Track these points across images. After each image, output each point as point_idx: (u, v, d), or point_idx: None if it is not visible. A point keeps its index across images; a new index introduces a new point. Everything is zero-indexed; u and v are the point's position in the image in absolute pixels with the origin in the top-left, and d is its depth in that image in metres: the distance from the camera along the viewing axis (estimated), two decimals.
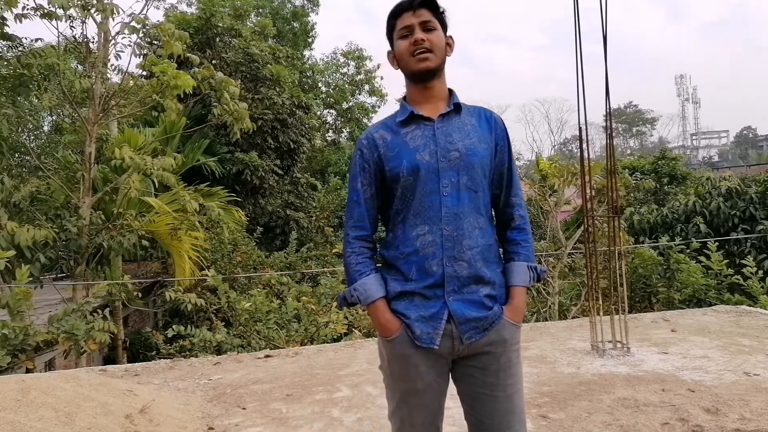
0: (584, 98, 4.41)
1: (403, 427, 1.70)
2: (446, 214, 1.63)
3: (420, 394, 1.66)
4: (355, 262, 1.71)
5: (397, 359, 1.66)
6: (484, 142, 1.71)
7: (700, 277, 7.39)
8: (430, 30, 1.69)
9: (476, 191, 1.67)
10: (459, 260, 1.63)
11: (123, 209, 8.16)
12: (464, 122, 1.73)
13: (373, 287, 1.67)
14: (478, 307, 1.63)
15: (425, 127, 1.70)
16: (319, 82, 26.99)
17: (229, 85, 8.49)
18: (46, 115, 14.29)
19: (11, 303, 5.42)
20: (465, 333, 1.62)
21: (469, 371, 1.68)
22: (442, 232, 1.63)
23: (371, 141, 1.74)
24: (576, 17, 4.41)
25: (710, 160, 65.95)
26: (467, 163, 1.66)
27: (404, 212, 1.68)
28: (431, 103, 1.73)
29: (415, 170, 1.65)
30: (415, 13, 1.69)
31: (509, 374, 1.67)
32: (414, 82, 1.75)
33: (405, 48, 1.70)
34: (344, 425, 3.16)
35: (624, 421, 3.02)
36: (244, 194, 14.65)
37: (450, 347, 1.63)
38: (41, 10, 7.34)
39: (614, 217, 4.66)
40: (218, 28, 15.86)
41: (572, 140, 52.92)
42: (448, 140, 1.67)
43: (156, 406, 3.32)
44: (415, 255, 1.64)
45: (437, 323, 1.62)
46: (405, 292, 1.65)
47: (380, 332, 1.70)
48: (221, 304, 7.66)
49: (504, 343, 1.66)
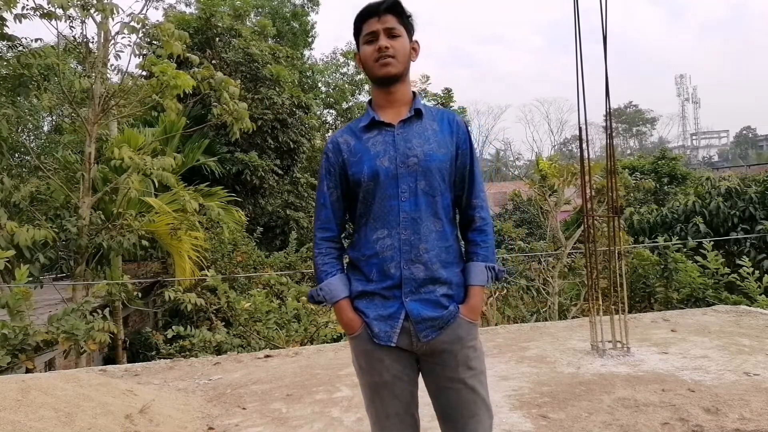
0: (584, 98, 4.41)
1: (379, 419, 1.77)
2: (404, 219, 1.70)
3: (389, 386, 1.73)
4: (322, 262, 1.79)
5: (363, 354, 1.75)
6: (443, 147, 1.76)
7: (697, 277, 7.40)
8: (394, 36, 1.74)
9: (434, 196, 1.73)
10: (416, 263, 1.69)
11: (123, 209, 8.16)
12: (425, 127, 1.78)
13: (338, 288, 1.76)
14: (434, 307, 1.70)
15: (386, 133, 1.76)
16: (319, 82, 26.97)
17: (229, 85, 8.48)
18: (46, 115, 14.30)
19: (11, 303, 5.42)
20: (422, 332, 1.69)
21: (431, 367, 1.75)
22: (400, 236, 1.69)
23: (336, 145, 1.80)
24: (576, 18, 4.41)
25: (710, 160, 65.95)
26: (425, 168, 1.71)
27: (366, 216, 1.76)
28: (394, 107, 1.79)
29: (375, 176, 1.71)
30: (380, 19, 1.73)
31: (468, 368, 1.73)
32: (378, 87, 1.80)
33: (369, 54, 1.75)
34: (344, 425, 3.16)
35: (624, 421, 3.02)
36: (244, 194, 14.65)
37: (408, 344, 1.71)
38: (41, 10, 7.33)
39: (614, 217, 4.66)
40: (218, 28, 15.85)
41: (572, 140, 52.93)
42: (407, 146, 1.73)
43: (156, 406, 3.32)
44: (375, 258, 1.72)
45: (394, 322, 1.70)
46: (366, 292, 1.73)
47: (345, 330, 1.79)
48: (221, 304, 7.66)
49: (460, 341, 1.72)
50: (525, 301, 8.94)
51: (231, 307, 7.38)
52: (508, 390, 3.61)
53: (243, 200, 14.07)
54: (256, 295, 7.76)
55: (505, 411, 3.25)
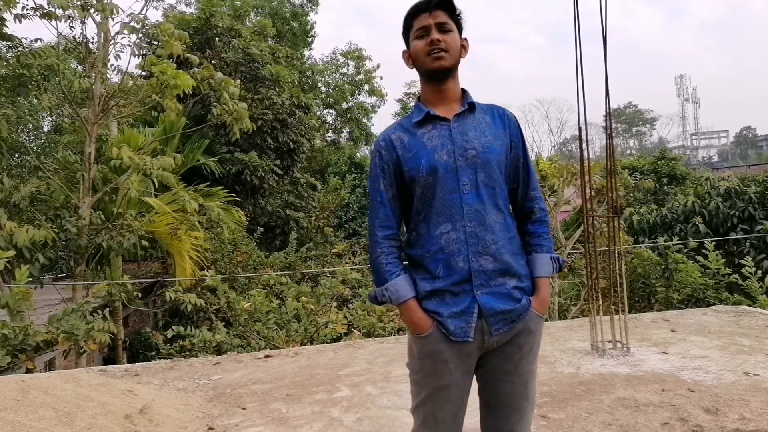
0: (584, 98, 4.41)
1: (426, 421, 1.74)
2: (468, 211, 1.68)
3: (447, 390, 1.70)
4: (385, 262, 1.75)
5: (429, 356, 1.70)
6: (499, 139, 1.76)
7: (698, 277, 7.40)
8: (446, 31, 1.73)
9: (494, 187, 1.72)
10: (484, 255, 1.67)
11: (123, 209, 8.16)
12: (479, 121, 1.77)
13: (404, 288, 1.71)
14: (506, 300, 1.68)
15: (441, 127, 1.74)
16: (319, 82, 26.97)
17: (229, 85, 8.48)
18: (46, 115, 14.29)
19: (11, 303, 5.42)
20: (494, 325, 1.66)
21: (491, 358, 1.73)
22: (465, 228, 1.67)
23: (389, 143, 1.78)
24: (576, 18, 4.41)
25: (710, 160, 65.96)
26: (484, 160, 1.70)
27: (425, 211, 1.72)
28: (445, 103, 1.78)
29: (433, 170, 1.69)
30: (431, 14, 1.73)
31: (528, 362, 1.73)
32: (429, 82, 1.79)
33: (421, 48, 1.74)
34: (344, 425, 3.16)
35: (624, 421, 3.03)
36: (244, 194, 14.64)
37: (480, 341, 1.68)
38: (41, 10, 7.33)
39: (614, 217, 4.66)
40: (218, 28, 15.84)
41: (572, 140, 52.93)
42: (464, 139, 1.72)
43: (156, 406, 3.32)
44: (440, 253, 1.68)
45: (469, 317, 1.66)
46: (435, 291, 1.69)
47: (413, 330, 1.73)
48: (221, 305, 7.66)
49: (530, 334, 1.72)
50: None
51: (231, 307, 7.38)
52: None
53: (243, 200, 14.06)
54: (255, 295, 7.76)
55: None
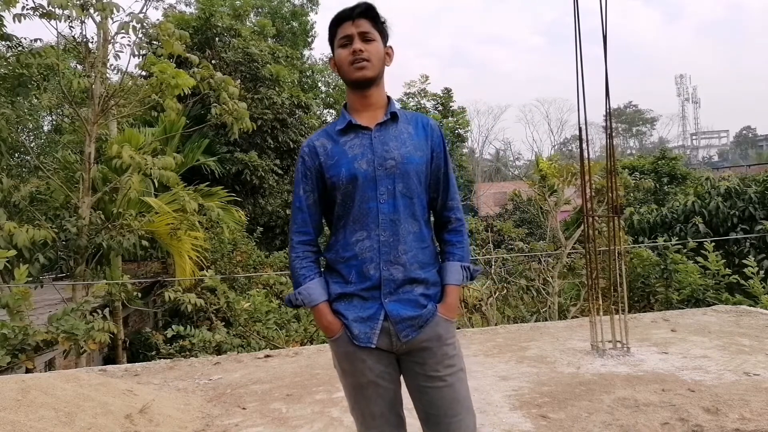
0: (584, 98, 4.41)
1: (365, 419, 1.78)
2: (383, 221, 1.72)
3: (373, 386, 1.74)
4: (300, 266, 1.79)
5: (344, 357, 1.76)
6: (419, 149, 1.79)
7: (697, 277, 7.39)
8: (368, 41, 1.75)
9: (411, 197, 1.75)
10: (395, 264, 1.72)
11: (123, 209, 8.16)
12: (401, 130, 1.80)
13: (316, 291, 1.76)
14: (413, 306, 1.72)
15: (363, 136, 1.77)
16: (319, 82, 26.98)
17: (229, 85, 8.48)
18: (46, 114, 14.29)
19: (11, 303, 5.42)
20: (402, 331, 1.71)
21: (411, 366, 1.76)
22: (379, 237, 1.72)
23: (312, 149, 1.81)
24: (576, 18, 4.41)
25: (710, 159, 65.93)
26: (403, 170, 1.74)
27: (345, 218, 1.77)
28: (369, 110, 1.81)
29: (353, 178, 1.72)
30: (354, 23, 1.75)
31: (447, 365, 1.75)
32: (353, 90, 1.81)
33: (344, 57, 1.76)
34: (344, 425, 3.16)
35: (624, 421, 3.03)
36: (243, 194, 14.65)
37: (389, 344, 1.72)
38: (40, 10, 7.32)
39: (614, 217, 4.66)
40: (217, 27, 15.85)
41: (572, 140, 52.93)
42: (384, 149, 1.75)
43: (156, 406, 3.32)
44: (354, 259, 1.73)
45: (374, 323, 1.71)
46: (344, 294, 1.74)
47: (324, 333, 1.79)
48: (220, 305, 7.66)
49: (439, 339, 1.74)
50: (525, 301, 8.94)
51: (231, 307, 7.38)
52: (508, 390, 3.61)
53: (243, 200, 14.06)
54: (255, 295, 7.76)
55: (505, 411, 3.25)
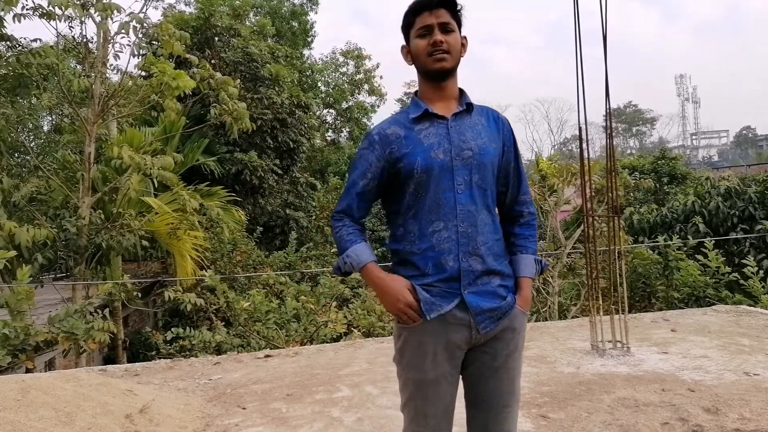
0: (584, 98, 4.41)
1: (417, 418, 1.71)
2: (461, 212, 1.68)
3: (434, 385, 1.68)
4: (346, 233, 1.75)
5: (417, 347, 1.68)
6: (493, 141, 1.77)
7: (698, 275, 7.40)
8: (448, 32, 1.71)
9: (485, 189, 1.73)
10: (474, 255, 1.68)
11: (123, 209, 8.16)
12: (475, 122, 1.77)
13: (365, 252, 1.71)
14: (492, 298, 1.70)
15: (439, 125, 1.73)
16: (319, 82, 26.98)
17: (228, 85, 8.48)
18: (46, 114, 14.29)
19: (11, 303, 5.42)
20: (481, 323, 1.67)
21: (478, 356, 1.73)
22: (458, 228, 1.67)
23: (384, 137, 1.75)
24: (576, 18, 4.41)
25: (710, 159, 65.91)
26: (479, 161, 1.71)
27: (416, 208, 1.71)
28: (443, 101, 1.77)
29: (429, 168, 1.68)
30: (433, 12, 1.70)
31: (515, 358, 1.75)
32: (428, 80, 1.77)
33: (423, 47, 1.72)
34: (344, 425, 3.16)
35: (624, 420, 3.02)
36: (243, 194, 14.65)
37: (468, 338, 1.68)
38: (40, 10, 7.32)
39: (614, 217, 4.66)
40: (217, 27, 15.85)
41: (572, 140, 52.93)
42: (461, 139, 1.71)
43: (156, 406, 3.32)
44: (431, 251, 1.68)
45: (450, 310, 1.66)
46: (422, 285, 1.68)
47: (380, 295, 1.70)
48: (220, 304, 7.66)
49: (514, 331, 1.74)
50: None
51: (230, 307, 7.38)
52: None
53: (243, 200, 14.07)
54: (255, 294, 7.76)
55: None
